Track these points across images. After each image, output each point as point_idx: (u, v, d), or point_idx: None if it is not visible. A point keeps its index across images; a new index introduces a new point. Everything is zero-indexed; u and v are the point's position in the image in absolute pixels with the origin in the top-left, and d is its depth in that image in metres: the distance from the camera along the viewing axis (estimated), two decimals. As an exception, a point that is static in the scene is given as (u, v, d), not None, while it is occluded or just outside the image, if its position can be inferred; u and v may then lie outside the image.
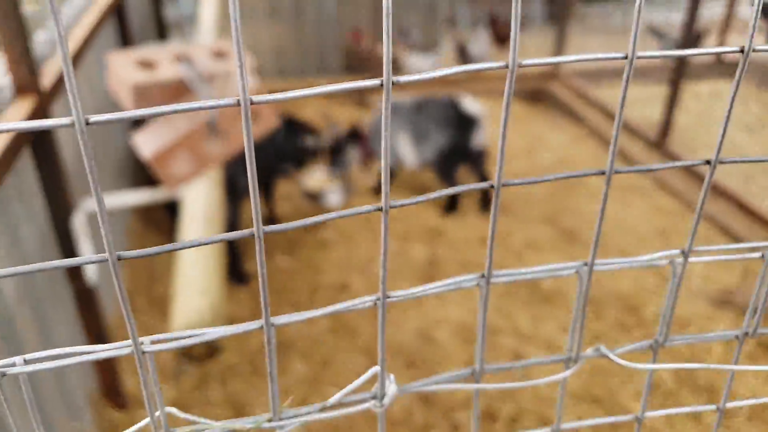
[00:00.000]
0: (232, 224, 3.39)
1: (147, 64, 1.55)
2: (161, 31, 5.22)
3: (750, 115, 5.51)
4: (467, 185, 0.61)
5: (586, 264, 0.59)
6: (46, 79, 2.08)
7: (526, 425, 2.75)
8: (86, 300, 2.21)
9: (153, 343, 0.49)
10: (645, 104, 5.73)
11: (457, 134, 3.91)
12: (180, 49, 1.62)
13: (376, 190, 4.33)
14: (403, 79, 0.48)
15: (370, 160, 4.29)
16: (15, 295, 1.87)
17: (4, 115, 1.78)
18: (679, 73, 4.46)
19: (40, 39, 2.40)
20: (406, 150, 4.08)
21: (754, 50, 0.52)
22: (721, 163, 0.54)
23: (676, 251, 0.58)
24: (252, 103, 0.41)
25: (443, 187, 3.94)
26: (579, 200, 4.26)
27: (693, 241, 0.57)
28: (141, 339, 0.50)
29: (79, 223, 2.02)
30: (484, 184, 0.56)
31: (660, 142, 4.71)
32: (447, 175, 4.07)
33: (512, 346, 3.10)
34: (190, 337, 0.51)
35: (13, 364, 0.48)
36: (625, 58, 0.54)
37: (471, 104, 3.95)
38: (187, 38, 5.39)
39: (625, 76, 0.54)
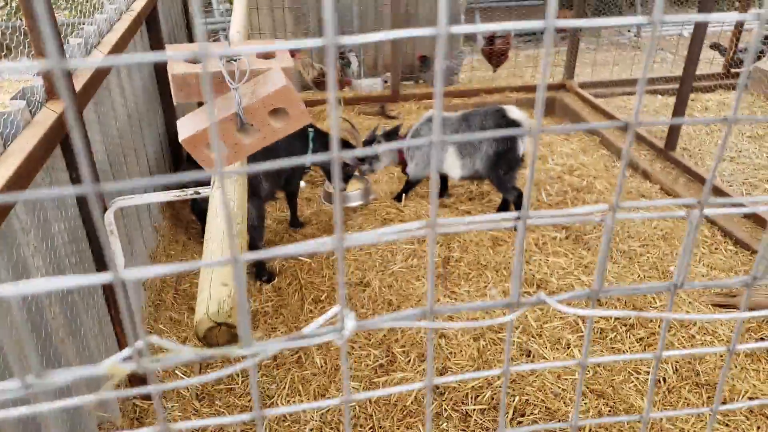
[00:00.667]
0: (254, 225, 3.60)
1: (190, 59, 1.75)
2: (191, 40, 5.47)
3: (756, 124, 5.64)
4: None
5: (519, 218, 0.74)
6: (78, 83, 2.28)
7: (532, 417, 2.91)
8: (113, 290, 2.42)
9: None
10: (654, 114, 5.89)
11: (508, 141, 4.05)
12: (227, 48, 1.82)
13: (397, 198, 4.49)
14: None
15: (404, 165, 4.41)
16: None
17: (36, 119, 1.98)
18: (686, 83, 4.61)
19: (74, 44, 2.62)
20: (451, 163, 4.21)
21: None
22: (640, 125, 0.67)
23: (605, 206, 0.72)
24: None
25: (502, 194, 4.06)
26: (584, 206, 4.42)
27: (619, 197, 0.71)
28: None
29: (109, 220, 2.22)
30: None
31: (667, 150, 4.86)
32: (504, 182, 4.14)
33: (521, 342, 3.26)
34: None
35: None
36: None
37: (516, 112, 4.12)
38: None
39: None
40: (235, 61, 1.72)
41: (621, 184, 0.65)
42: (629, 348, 3.27)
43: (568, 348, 3.27)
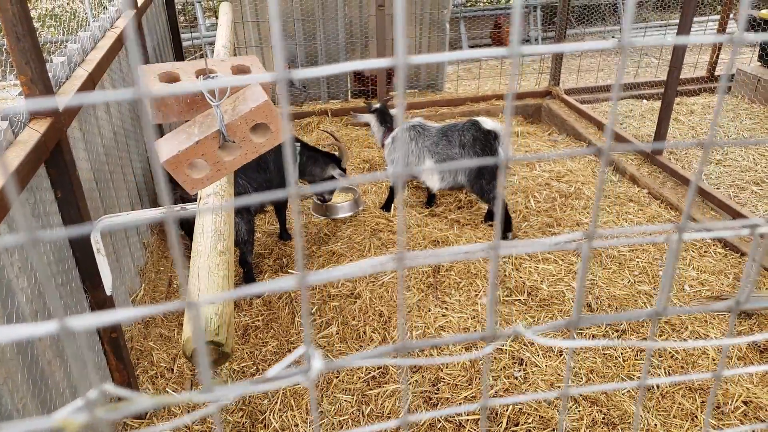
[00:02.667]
0: (244, 239, 3.58)
1: (171, 77, 1.73)
2: (178, 54, 5.46)
3: (742, 128, 5.69)
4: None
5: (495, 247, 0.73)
6: (62, 101, 2.26)
7: (526, 427, 2.90)
8: (103, 307, 2.40)
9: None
10: (640, 119, 5.93)
11: (485, 152, 4.06)
12: (204, 65, 1.81)
13: (385, 207, 4.51)
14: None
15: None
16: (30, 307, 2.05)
17: (19, 138, 1.95)
18: (671, 88, 4.65)
19: (58, 61, 2.60)
20: (429, 175, 4.24)
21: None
22: (612, 152, 0.69)
23: (580, 234, 0.71)
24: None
25: (485, 204, 4.08)
26: (574, 213, 4.43)
27: (594, 224, 0.71)
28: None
29: (95, 239, 2.20)
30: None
31: (653, 154, 4.89)
32: (487, 192, 4.15)
33: (512, 350, 3.25)
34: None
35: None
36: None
37: (489, 122, 4.13)
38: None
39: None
40: (213, 77, 1.71)
41: (596, 213, 0.64)
42: (621, 353, 3.28)
43: (561, 355, 3.26)
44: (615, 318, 0.78)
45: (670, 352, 3.25)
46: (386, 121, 4.50)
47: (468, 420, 2.88)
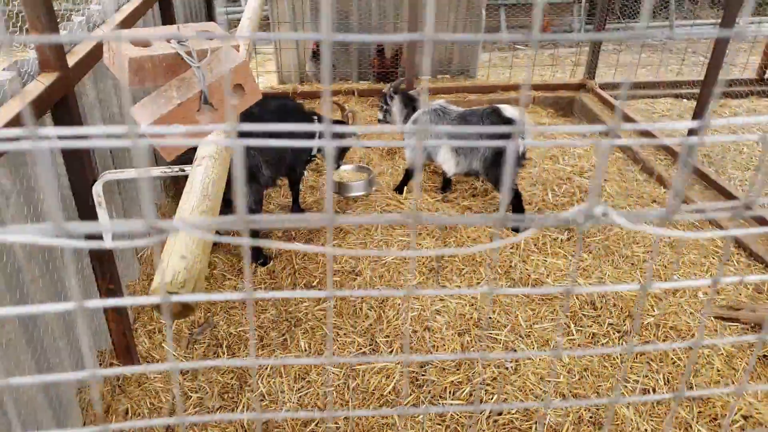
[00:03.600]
0: (252, 209, 3.62)
1: (142, 43, 1.74)
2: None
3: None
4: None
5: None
6: (73, 59, 2.32)
7: (509, 417, 2.86)
8: (103, 260, 2.46)
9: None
10: (677, 118, 5.73)
11: (506, 140, 3.98)
12: (168, 31, 1.82)
13: (398, 189, 4.49)
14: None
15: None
16: (25, 253, 2.12)
17: (25, 89, 2.01)
18: (708, 87, 4.47)
19: (76, 20, 2.66)
20: (446, 159, 4.19)
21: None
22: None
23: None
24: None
25: (498, 192, 4.04)
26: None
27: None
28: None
29: (97, 191, 2.26)
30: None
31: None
32: (500, 182, 4.08)
33: (507, 341, 3.22)
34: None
35: None
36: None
37: (510, 110, 4.05)
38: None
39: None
40: (184, 43, 1.72)
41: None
42: (620, 355, 3.20)
43: (556, 349, 3.21)
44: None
45: (672, 358, 3.16)
46: (409, 103, 4.47)
47: (452, 404, 2.86)
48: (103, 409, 2.55)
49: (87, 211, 2.36)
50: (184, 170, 2.57)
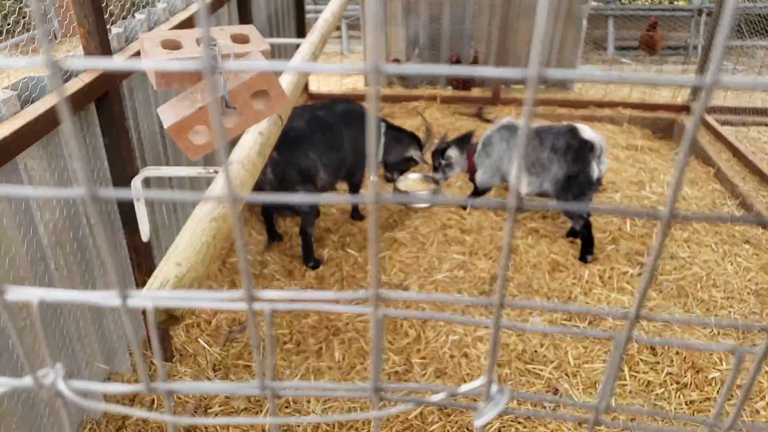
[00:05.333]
0: (305, 210, 3.63)
1: (173, 45, 1.76)
2: (300, 27, 5.62)
3: None
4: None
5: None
6: (121, 57, 2.40)
7: None
8: (140, 252, 2.55)
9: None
10: (788, 151, 5.14)
11: (576, 163, 3.69)
12: (200, 33, 1.82)
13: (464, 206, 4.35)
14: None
15: (472, 173, 4.22)
16: (55, 240, 2.21)
17: (66, 85, 2.11)
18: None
19: (138, 18, 2.74)
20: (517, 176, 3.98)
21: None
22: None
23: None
24: None
25: (571, 220, 3.76)
26: (672, 244, 3.97)
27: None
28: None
29: (136, 186, 2.33)
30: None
31: (790, 194, 4.23)
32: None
33: (551, 378, 3.01)
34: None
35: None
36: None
37: (589, 132, 3.77)
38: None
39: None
40: (214, 46, 1.72)
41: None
42: (675, 409, 2.90)
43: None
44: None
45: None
46: (465, 144, 4.20)
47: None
48: (129, 398, 2.65)
49: (126, 206, 2.45)
50: (217, 171, 2.61)
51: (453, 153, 4.19)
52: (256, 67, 0.47)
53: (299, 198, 0.48)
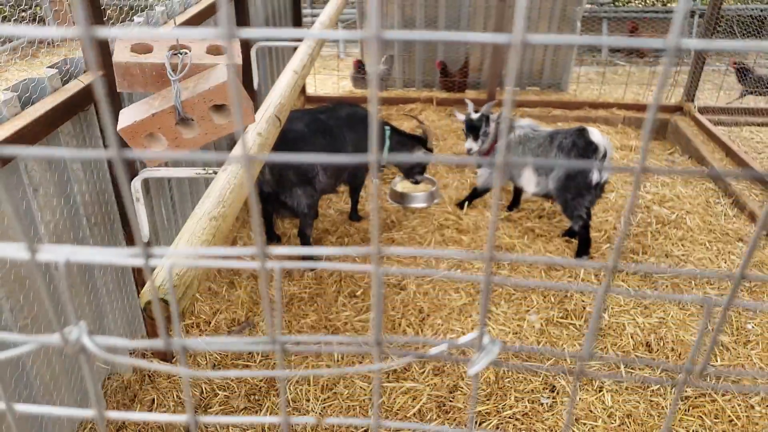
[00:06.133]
0: (303, 212, 3.65)
1: (143, 48, 1.78)
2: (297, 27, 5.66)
3: None
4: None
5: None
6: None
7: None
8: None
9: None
10: (780, 150, 5.20)
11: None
12: (172, 38, 1.84)
13: (461, 204, 4.38)
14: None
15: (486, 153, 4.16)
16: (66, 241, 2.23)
17: (65, 87, 2.13)
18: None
19: (137, 21, 2.78)
20: (527, 178, 4.00)
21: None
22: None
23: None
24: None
25: (568, 219, 3.77)
26: (667, 243, 4.01)
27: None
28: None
29: (135, 187, 2.35)
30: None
31: (782, 193, 4.27)
32: (570, 207, 3.83)
33: (548, 375, 3.04)
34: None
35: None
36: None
37: (597, 135, 3.79)
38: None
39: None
40: (181, 54, 1.74)
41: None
42: (669, 404, 2.93)
43: (600, 391, 2.99)
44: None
45: (729, 415, 2.86)
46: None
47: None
48: (129, 397, 2.66)
49: (124, 206, 2.47)
50: (216, 172, 2.64)
51: (491, 127, 4.11)
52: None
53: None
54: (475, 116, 4.09)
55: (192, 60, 1.74)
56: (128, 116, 1.70)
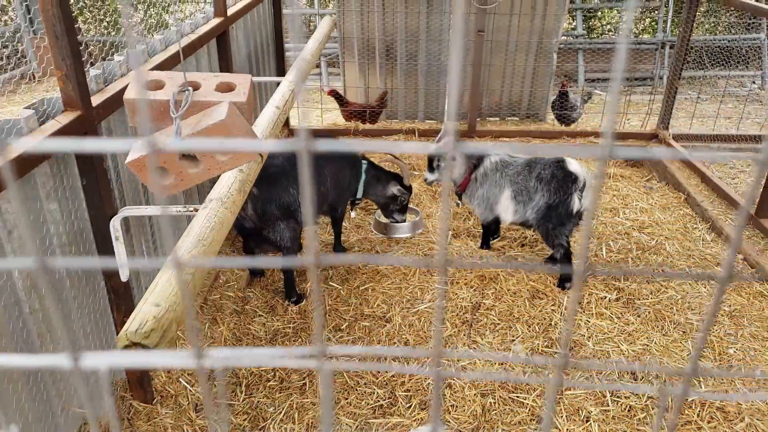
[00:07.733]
0: (286, 245, 3.64)
1: (157, 85, 1.81)
2: (280, 64, 5.69)
3: None
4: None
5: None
6: (99, 98, 2.43)
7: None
8: (119, 293, 2.54)
9: None
10: (742, 173, 5.31)
11: (557, 193, 3.77)
12: (195, 78, 1.87)
13: (483, 245, 4.32)
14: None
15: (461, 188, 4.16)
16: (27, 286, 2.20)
17: (42, 127, 2.13)
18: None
19: (116, 60, 2.79)
20: (505, 206, 4.01)
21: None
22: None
23: None
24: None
25: (549, 248, 3.77)
26: (647, 269, 4.05)
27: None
28: None
29: (115, 226, 2.34)
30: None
31: (758, 217, 4.36)
32: (551, 237, 3.88)
33: (534, 406, 3.03)
34: None
35: None
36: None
37: (575, 165, 3.84)
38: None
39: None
40: (186, 91, 1.76)
41: None
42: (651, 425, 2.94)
43: (587, 421, 2.99)
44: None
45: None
46: (472, 156, 4.18)
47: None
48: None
49: (105, 247, 2.45)
50: (197, 210, 2.63)
51: (459, 159, 4.04)
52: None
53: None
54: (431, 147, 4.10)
55: (199, 97, 1.76)
56: (137, 150, 1.71)
